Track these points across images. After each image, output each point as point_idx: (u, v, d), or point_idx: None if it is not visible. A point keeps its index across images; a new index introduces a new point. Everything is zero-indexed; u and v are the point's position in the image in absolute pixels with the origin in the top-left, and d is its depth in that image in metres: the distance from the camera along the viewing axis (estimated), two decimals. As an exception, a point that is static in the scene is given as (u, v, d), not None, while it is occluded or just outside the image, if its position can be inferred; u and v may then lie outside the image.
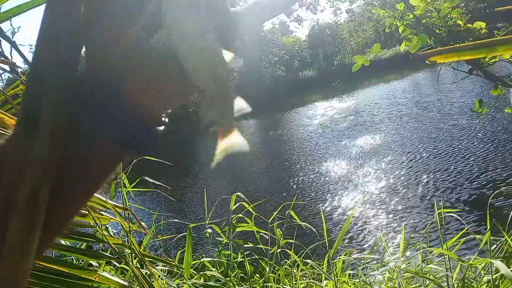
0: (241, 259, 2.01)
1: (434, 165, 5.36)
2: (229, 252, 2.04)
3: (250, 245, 2.05)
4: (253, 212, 2.00)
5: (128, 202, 1.52)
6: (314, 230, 1.97)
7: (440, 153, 5.76)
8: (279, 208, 2.10)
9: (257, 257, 2.12)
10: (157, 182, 1.97)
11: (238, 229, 1.95)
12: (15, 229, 0.23)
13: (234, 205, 1.96)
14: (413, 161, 5.78)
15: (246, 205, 2.00)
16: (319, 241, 2.13)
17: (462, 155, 5.44)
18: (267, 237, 2.01)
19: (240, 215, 2.02)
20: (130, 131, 0.26)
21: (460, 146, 5.83)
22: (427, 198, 4.45)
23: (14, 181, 0.23)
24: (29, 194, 0.23)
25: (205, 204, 2.39)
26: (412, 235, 3.54)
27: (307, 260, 1.93)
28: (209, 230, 2.17)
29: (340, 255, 2.23)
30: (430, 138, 6.59)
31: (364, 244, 3.86)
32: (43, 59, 0.24)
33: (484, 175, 4.61)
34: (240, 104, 0.27)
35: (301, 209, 5.01)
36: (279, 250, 1.99)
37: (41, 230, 0.24)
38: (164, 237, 2.10)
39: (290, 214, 2.08)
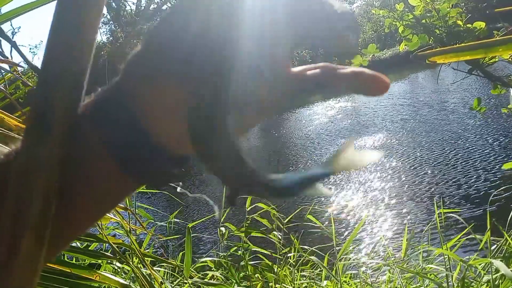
0: (247, 260, 2.01)
1: (434, 165, 5.36)
2: (239, 253, 2.03)
3: (261, 250, 2.05)
4: (271, 211, 2.02)
5: (132, 201, 1.52)
6: (326, 230, 1.97)
7: (440, 153, 5.76)
8: (296, 211, 2.13)
9: (261, 257, 2.12)
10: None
11: (253, 234, 1.97)
12: (27, 244, 0.22)
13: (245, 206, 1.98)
14: (413, 161, 5.78)
15: (265, 206, 2.01)
16: (322, 244, 2.13)
17: (463, 155, 5.44)
18: (274, 241, 2.03)
19: (255, 216, 2.03)
20: (144, 162, 0.24)
21: (460, 145, 5.83)
22: (428, 198, 4.45)
23: (24, 193, 0.23)
24: (41, 208, 0.23)
25: (208, 205, 2.39)
26: (413, 235, 3.54)
27: (311, 257, 1.93)
28: (222, 229, 2.17)
29: (341, 256, 2.23)
30: (430, 138, 6.59)
31: (364, 244, 3.86)
32: (54, 63, 0.24)
33: (484, 174, 4.61)
34: None
35: (302, 209, 5.00)
36: (289, 254, 2.01)
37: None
38: (168, 237, 2.10)
39: (292, 216, 2.11)
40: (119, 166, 0.24)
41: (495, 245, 1.74)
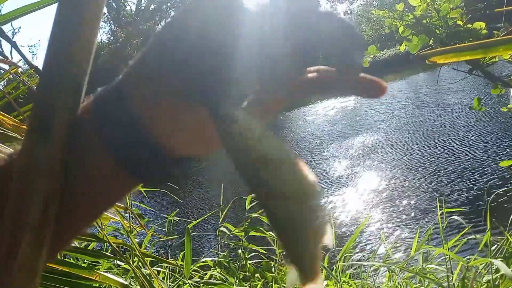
0: (247, 260, 2.02)
1: (435, 165, 5.36)
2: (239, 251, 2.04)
3: (259, 248, 2.05)
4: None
5: (133, 201, 1.52)
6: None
7: (441, 153, 5.76)
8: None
9: (264, 257, 2.12)
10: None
11: (251, 233, 1.97)
12: (26, 245, 0.22)
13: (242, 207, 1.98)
14: (414, 161, 5.78)
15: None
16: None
17: (462, 155, 5.44)
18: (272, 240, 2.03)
19: (257, 215, 2.03)
20: (144, 161, 0.25)
21: (460, 146, 5.83)
22: (428, 198, 4.45)
23: (24, 193, 0.23)
24: (41, 209, 0.22)
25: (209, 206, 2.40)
26: (413, 236, 3.54)
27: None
28: (222, 229, 2.17)
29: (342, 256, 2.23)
30: (430, 138, 6.59)
31: (364, 244, 3.86)
32: (55, 66, 0.24)
33: (484, 175, 4.61)
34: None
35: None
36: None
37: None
38: (168, 238, 2.10)
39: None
40: (119, 166, 0.24)
41: (496, 245, 1.74)
